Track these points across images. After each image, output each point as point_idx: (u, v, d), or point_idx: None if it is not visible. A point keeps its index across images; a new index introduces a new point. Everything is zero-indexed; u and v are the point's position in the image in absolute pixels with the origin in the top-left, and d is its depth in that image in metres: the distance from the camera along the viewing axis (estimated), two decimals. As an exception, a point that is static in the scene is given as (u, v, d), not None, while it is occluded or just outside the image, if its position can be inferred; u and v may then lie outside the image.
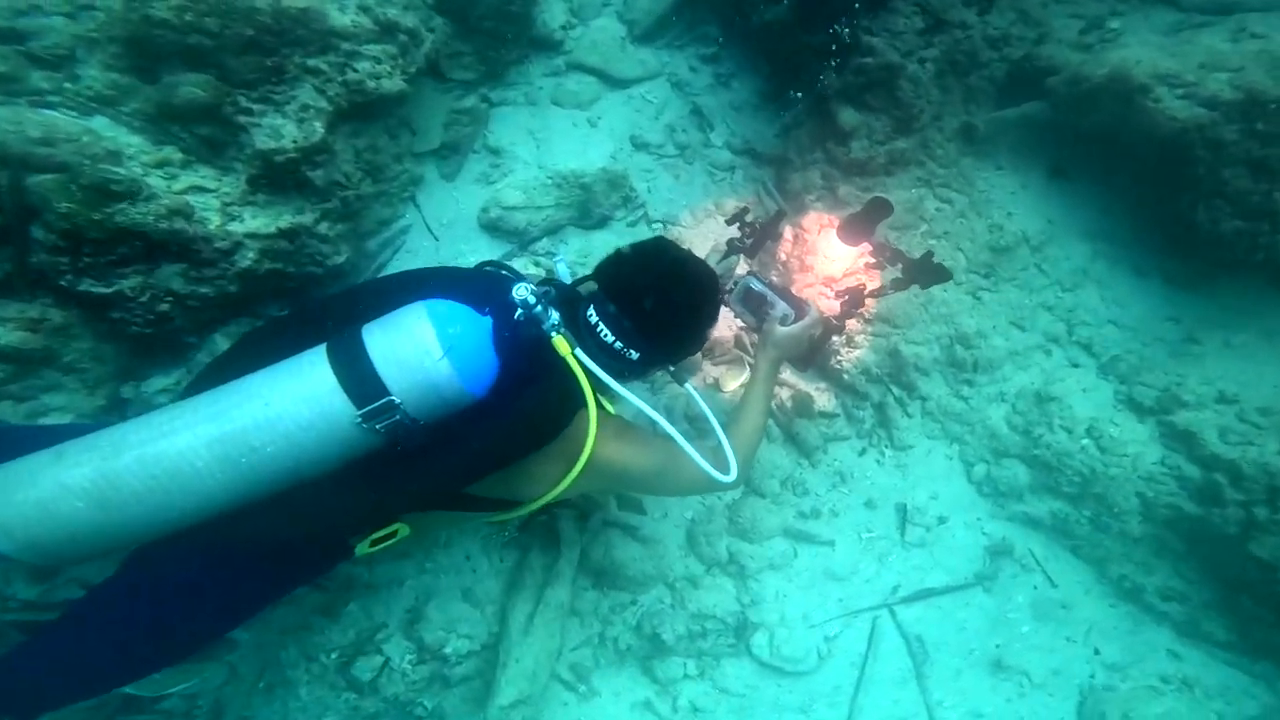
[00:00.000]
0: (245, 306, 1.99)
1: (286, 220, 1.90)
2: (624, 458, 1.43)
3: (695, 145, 2.90)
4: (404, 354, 1.13)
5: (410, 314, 1.19)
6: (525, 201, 2.54)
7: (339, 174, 2.04)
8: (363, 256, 2.36)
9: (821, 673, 2.22)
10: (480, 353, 1.21)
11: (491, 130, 2.66)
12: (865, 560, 2.38)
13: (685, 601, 2.22)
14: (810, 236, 2.52)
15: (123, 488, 1.05)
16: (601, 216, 2.69)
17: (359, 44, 1.96)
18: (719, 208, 2.84)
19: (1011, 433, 2.39)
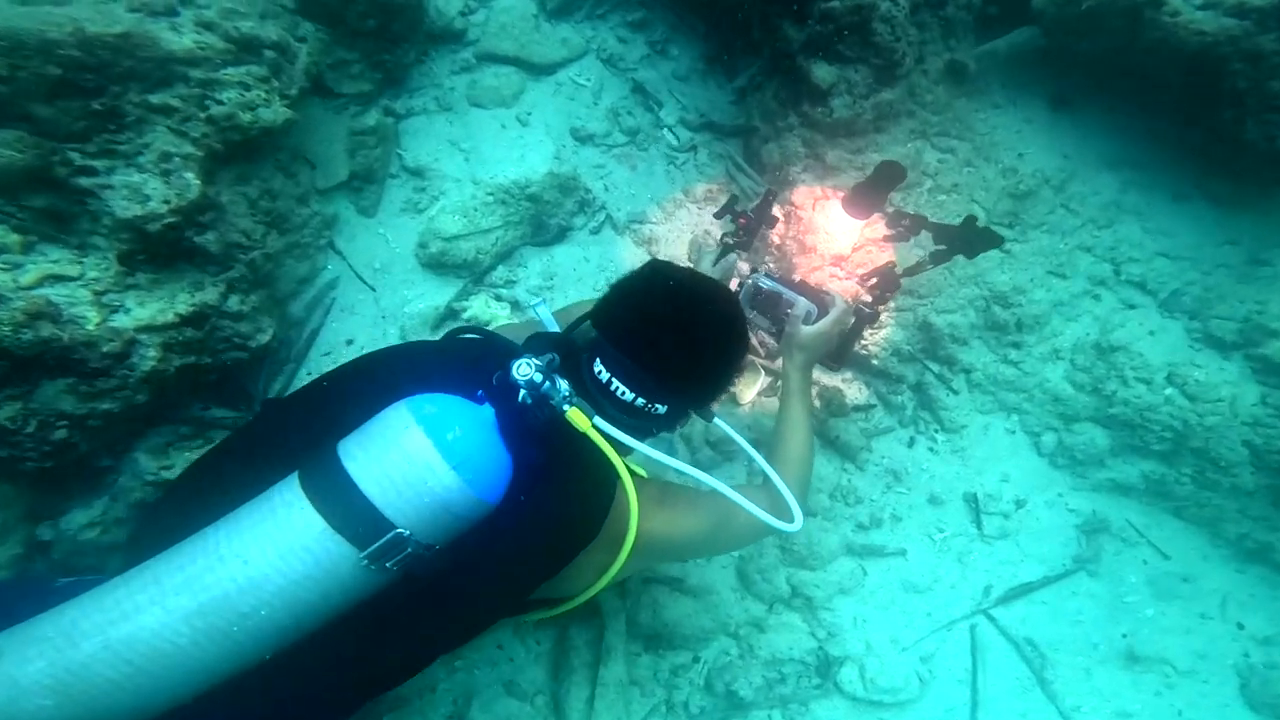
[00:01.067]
0: (164, 413, 1.90)
1: (185, 303, 1.79)
2: (673, 528, 1.42)
3: (646, 128, 2.88)
4: (401, 476, 1.08)
5: (395, 423, 1.12)
6: (467, 227, 2.47)
7: (235, 233, 1.93)
8: (290, 325, 2.27)
9: (927, 698, 2.21)
10: (489, 453, 1.16)
11: (406, 148, 2.59)
12: (944, 564, 2.37)
13: (754, 649, 2.20)
14: (805, 213, 2.50)
15: (94, 679, 0.96)
16: (559, 228, 2.65)
17: (213, 70, 1.84)
18: (688, 195, 2.84)
19: (1078, 393, 2.40)
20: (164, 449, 1.88)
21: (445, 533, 1.13)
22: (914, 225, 1.85)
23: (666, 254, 2.77)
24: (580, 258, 2.65)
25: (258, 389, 2.18)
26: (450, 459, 1.09)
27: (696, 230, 2.77)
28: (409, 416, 1.12)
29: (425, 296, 2.44)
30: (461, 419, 1.15)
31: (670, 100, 2.94)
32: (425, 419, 1.11)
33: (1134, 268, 2.47)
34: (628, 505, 1.29)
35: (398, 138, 2.63)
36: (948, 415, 2.46)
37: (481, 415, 1.18)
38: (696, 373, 1.37)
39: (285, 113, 2.00)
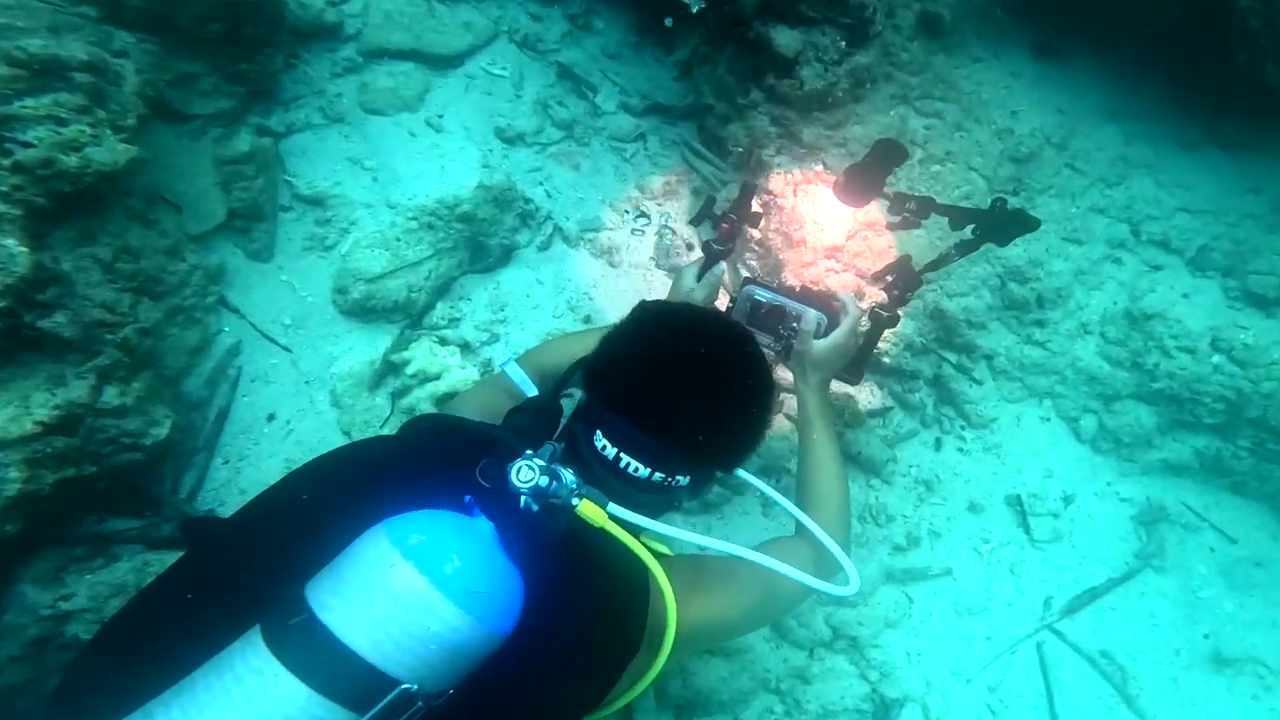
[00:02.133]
0: (48, 535, 1.81)
1: (45, 405, 1.64)
2: (714, 613, 1.39)
3: (583, 120, 2.84)
4: (398, 626, 1.01)
5: (376, 559, 1.05)
6: (392, 262, 2.37)
7: (93, 308, 1.79)
8: (191, 408, 2.16)
9: None
10: (497, 578, 1.10)
11: (295, 173, 2.48)
12: (996, 579, 2.40)
13: (801, 702, 2.22)
14: (787, 201, 2.48)
15: None
16: (501, 249, 2.60)
17: (5, 104, 1.65)
18: (644, 191, 2.81)
19: (1115, 369, 2.46)
20: (56, 575, 1.80)
21: (456, 675, 1.07)
22: (921, 209, 1.84)
23: (630, 262, 2.72)
24: (532, 280, 2.59)
25: (164, 490, 2.09)
26: (454, 596, 1.02)
27: (659, 230, 2.75)
28: (392, 550, 1.04)
29: (354, 351, 2.35)
30: (457, 543, 1.08)
31: (605, 83, 2.90)
32: (414, 551, 1.04)
33: (1154, 226, 2.55)
34: (663, 601, 1.26)
35: (281, 162, 2.51)
36: (973, 409, 2.49)
37: (478, 532, 1.13)
38: (722, 433, 1.33)
39: (124, 149, 1.83)
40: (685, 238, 2.76)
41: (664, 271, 2.72)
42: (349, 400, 2.32)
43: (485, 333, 2.50)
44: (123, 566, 1.81)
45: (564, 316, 2.58)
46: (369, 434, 2.31)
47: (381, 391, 2.35)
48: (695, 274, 1.91)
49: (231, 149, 2.35)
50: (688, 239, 2.75)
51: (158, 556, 1.86)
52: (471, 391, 1.85)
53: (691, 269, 1.92)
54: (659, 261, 2.73)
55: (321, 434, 2.29)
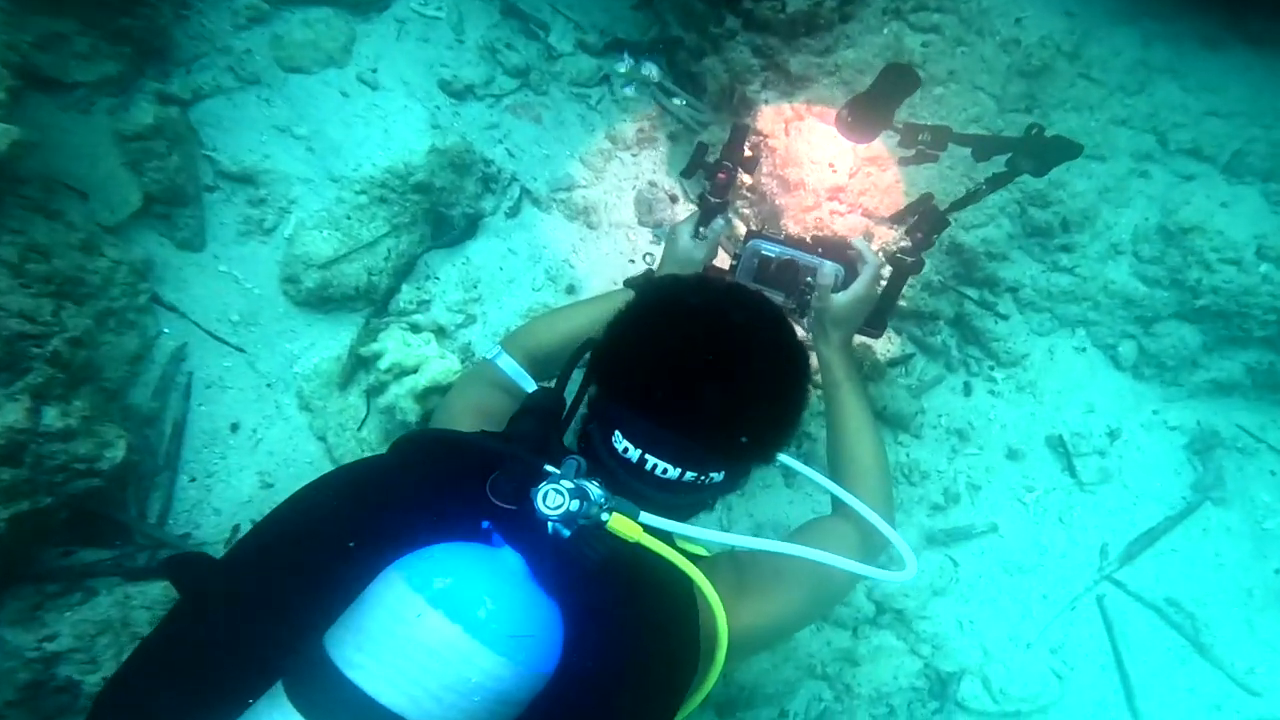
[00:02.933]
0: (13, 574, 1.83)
1: None
2: (766, 615, 1.41)
3: (537, 64, 2.82)
4: (435, 680, 1.02)
5: (399, 609, 1.05)
6: (345, 243, 2.35)
7: (9, 317, 1.74)
8: (143, 424, 2.15)
9: (1070, 695, 2.30)
10: (535, 614, 1.11)
11: (215, 146, 2.43)
12: (1045, 531, 2.46)
13: (851, 687, 2.27)
14: (778, 141, 2.48)
15: None
16: (466, 219, 2.59)
17: None
18: (616, 141, 2.80)
19: (1153, 289, 2.50)
20: (33, 615, 1.84)
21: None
22: (937, 140, 1.83)
23: (609, 222, 2.72)
24: (503, 252, 2.59)
25: (131, 516, 2.11)
26: (493, 644, 1.03)
27: (639, 184, 2.75)
28: (415, 598, 1.04)
29: (317, 346, 2.35)
30: (486, 582, 1.09)
31: (556, 19, 2.85)
32: (441, 597, 1.04)
33: (1182, 134, 2.57)
34: (711, 612, 1.26)
35: (195, 134, 2.44)
36: (1001, 346, 2.53)
37: (506, 566, 1.13)
38: (758, 422, 1.33)
39: (3, 130, 1.75)
40: (666, 189, 2.76)
41: (647, 229, 2.72)
42: (319, 402, 2.31)
43: (459, 314, 2.49)
44: (104, 601, 1.82)
45: (544, 289, 2.58)
46: (345, 437, 2.30)
47: (354, 389, 2.34)
48: (691, 231, 1.92)
49: (133, 122, 2.27)
50: (669, 190, 2.75)
51: (139, 589, 1.88)
52: (460, 391, 1.82)
53: (686, 226, 1.92)
54: (641, 218, 2.74)
55: (294, 441, 2.28)
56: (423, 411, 2.23)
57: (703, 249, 1.89)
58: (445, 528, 1.16)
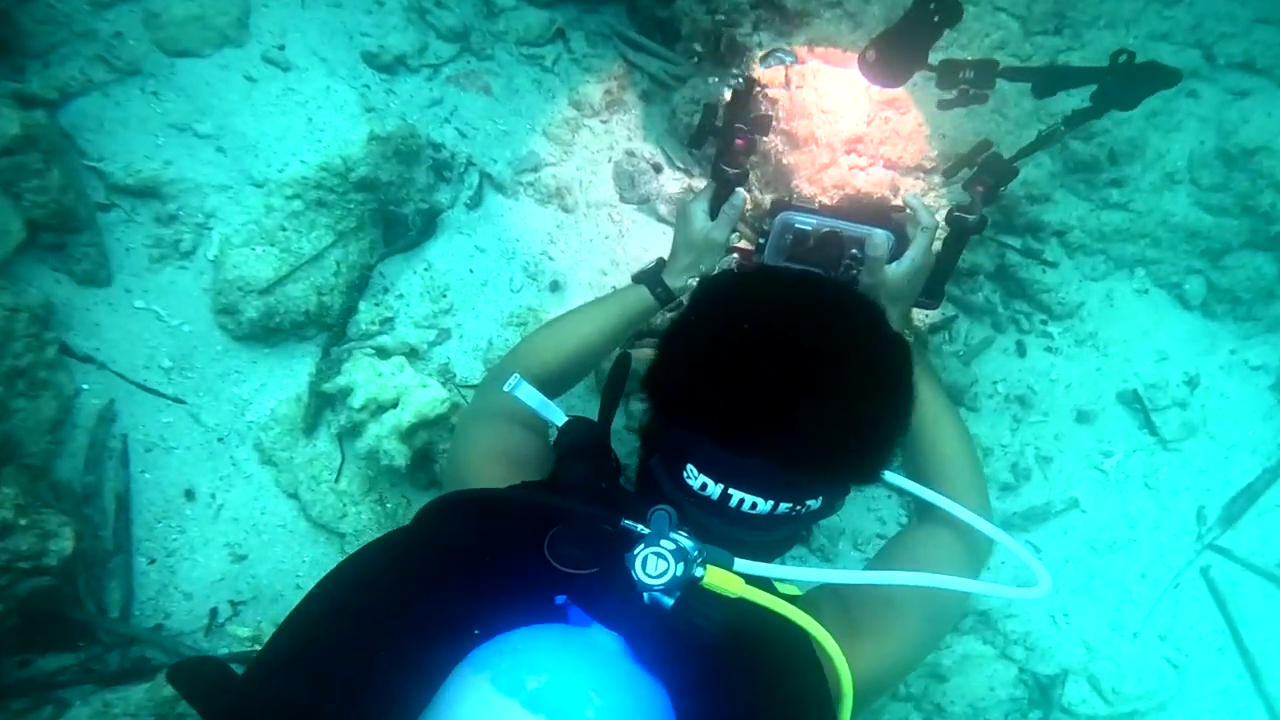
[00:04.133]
0: None
1: None
2: (886, 657, 1.42)
3: (476, 23, 2.82)
4: None
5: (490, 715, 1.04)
6: (285, 260, 2.35)
7: None
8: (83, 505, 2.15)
9: (1190, 685, 2.38)
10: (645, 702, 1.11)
11: (103, 155, 2.39)
12: (1132, 500, 2.54)
13: (943, 706, 2.33)
14: (780, 91, 2.49)
15: None
16: (421, 216, 2.59)
17: None
18: (581, 107, 2.80)
19: (1219, 218, 2.58)
20: None
21: None
22: (983, 76, 1.84)
23: (588, 202, 2.73)
24: (470, 250, 2.59)
25: (89, 611, 2.11)
26: None
27: (615, 154, 2.77)
28: (509, 704, 1.02)
29: (269, 387, 2.38)
30: (585, 674, 1.08)
31: None
32: (538, 699, 1.03)
33: (1231, 46, 2.65)
34: (832, 665, 1.26)
35: (73, 142, 2.40)
36: (1053, 297, 2.60)
37: (602, 649, 1.13)
38: (862, 436, 1.30)
39: None
40: (647, 157, 2.77)
41: (632, 206, 2.74)
42: (283, 453, 2.31)
43: (430, 330, 2.50)
44: (80, 713, 1.83)
45: (525, 289, 2.59)
46: (322, 491, 2.31)
47: (322, 433, 2.35)
48: (705, 208, 1.91)
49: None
50: (650, 158, 2.76)
51: (118, 694, 1.89)
52: (473, 434, 1.78)
53: (699, 203, 1.92)
54: (623, 193, 2.75)
55: (261, 502, 2.27)
56: (412, 453, 2.22)
57: (723, 229, 1.89)
58: (513, 609, 1.14)
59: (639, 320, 1.97)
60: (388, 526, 2.39)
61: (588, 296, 2.62)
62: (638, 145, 2.77)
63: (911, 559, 1.54)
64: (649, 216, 2.71)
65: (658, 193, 2.74)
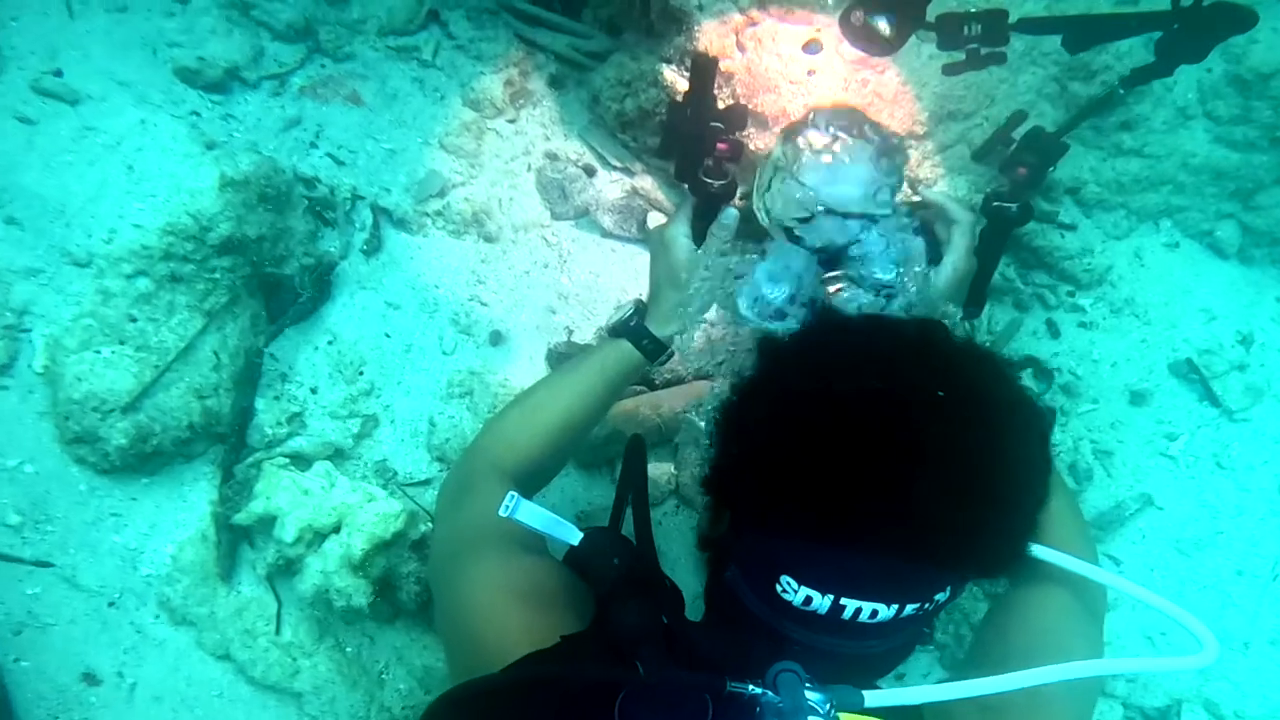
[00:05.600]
0: None
1: None
2: None
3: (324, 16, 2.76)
4: None
5: None
6: (145, 361, 2.34)
7: None
8: None
9: None
10: None
11: None
12: (1207, 484, 2.69)
13: None
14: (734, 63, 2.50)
15: None
16: (309, 274, 2.55)
17: None
18: (481, 107, 2.78)
19: (1246, 154, 2.71)
20: None
21: None
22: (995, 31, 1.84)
23: (513, 225, 2.71)
24: (380, 308, 2.57)
25: None
26: None
27: (534, 160, 2.76)
28: None
29: (160, 528, 2.36)
30: None
31: None
32: None
33: None
34: None
35: None
36: (1076, 265, 2.72)
37: None
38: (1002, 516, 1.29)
39: None
40: (574, 158, 2.77)
41: (569, 223, 2.74)
42: (199, 608, 2.31)
43: (353, 419, 2.48)
44: None
45: (460, 348, 2.58)
46: (261, 647, 2.39)
47: (244, 575, 2.37)
48: (688, 233, 1.89)
49: None
50: (578, 158, 2.77)
51: None
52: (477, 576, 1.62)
53: (678, 228, 1.90)
54: (555, 208, 2.74)
55: (184, 671, 2.31)
56: (372, 586, 2.18)
57: (715, 257, 1.87)
58: None
59: (625, 382, 1.97)
60: (354, 675, 2.37)
61: (538, 345, 2.62)
62: (559, 145, 2.76)
63: (1036, 631, 1.58)
64: (592, 233, 2.71)
65: (596, 201, 2.73)
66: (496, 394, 2.52)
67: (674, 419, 2.50)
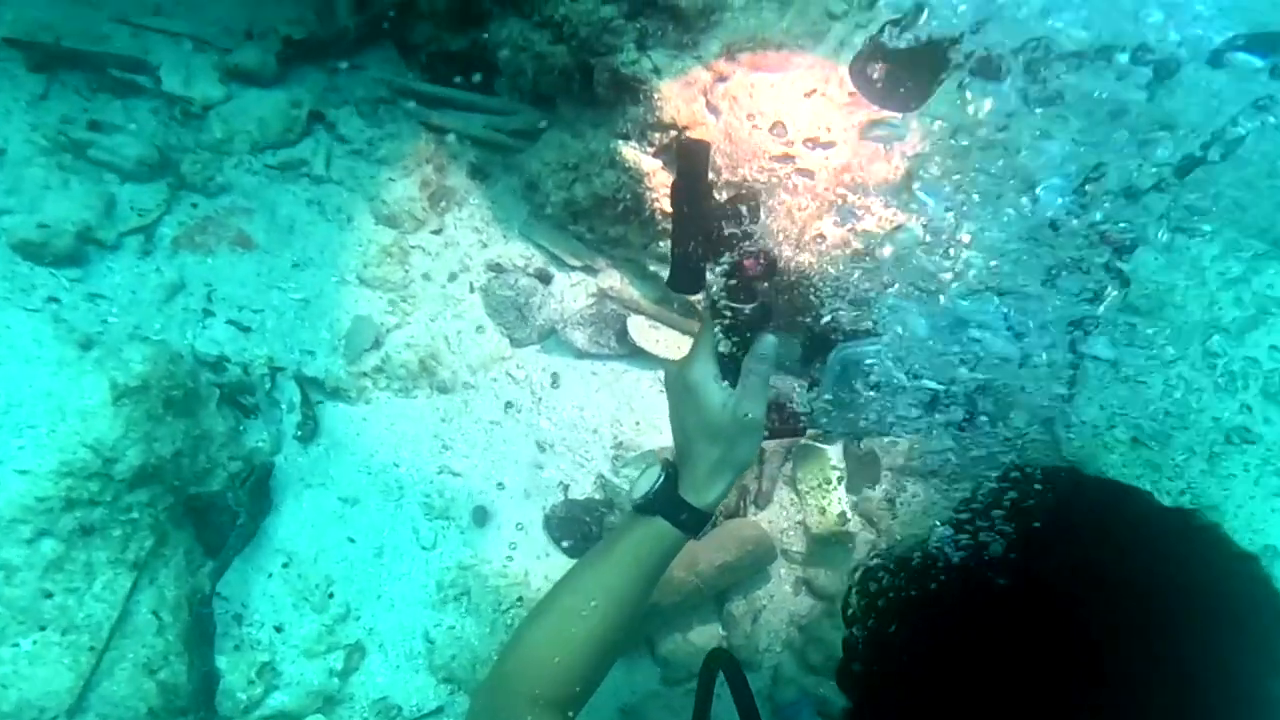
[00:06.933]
0: None
1: None
2: None
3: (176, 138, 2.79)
4: None
5: None
6: (78, 652, 2.32)
7: None
8: None
9: None
10: None
11: None
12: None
13: None
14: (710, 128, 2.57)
15: None
16: (240, 483, 2.56)
17: None
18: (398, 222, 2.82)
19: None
20: None
21: None
22: None
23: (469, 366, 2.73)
24: (335, 507, 2.61)
25: None
26: None
27: (475, 277, 2.79)
28: None
29: None
30: None
31: (155, 44, 2.82)
32: None
33: None
34: None
35: None
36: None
37: None
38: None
39: None
40: (522, 264, 2.81)
41: (534, 348, 2.77)
42: None
43: (335, 654, 2.50)
44: None
45: (440, 538, 2.61)
46: None
47: None
48: (716, 373, 1.84)
49: None
50: (526, 264, 2.81)
51: None
52: None
53: (703, 367, 1.84)
54: (514, 334, 2.77)
55: None
56: None
57: (755, 398, 1.82)
58: None
59: (665, 566, 1.93)
60: None
61: (532, 513, 2.64)
62: (501, 251, 2.80)
63: None
64: (564, 355, 2.75)
65: (561, 315, 2.77)
66: (498, 588, 2.53)
67: (716, 574, 2.52)
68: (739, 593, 2.58)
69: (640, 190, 2.64)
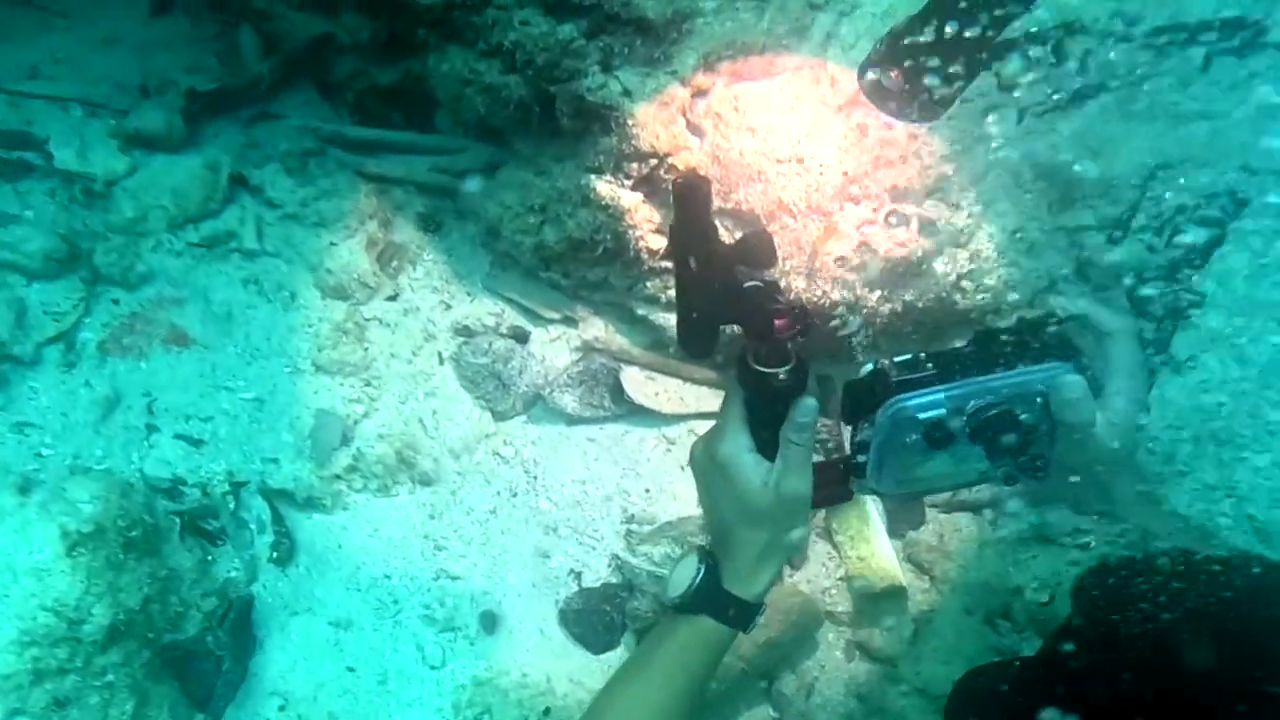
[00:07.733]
0: None
1: None
2: None
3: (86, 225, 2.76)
4: None
5: None
6: None
7: None
8: None
9: None
10: None
11: None
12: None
13: None
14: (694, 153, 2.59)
15: None
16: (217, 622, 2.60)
17: None
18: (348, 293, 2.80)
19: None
20: None
21: None
22: None
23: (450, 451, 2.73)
24: (325, 632, 2.64)
25: None
26: None
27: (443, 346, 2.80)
28: None
29: None
30: None
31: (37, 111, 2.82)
32: None
33: None
34: None
35: None
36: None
37: None
38: None
39: None
40: (492, 324, 2.82)
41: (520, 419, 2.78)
42: None
43: None
44: None
45: (449, 652, 2.63)
46: None
47: None
48: (750, 445, 1.81)
49: None
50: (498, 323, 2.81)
51: None
52: None
53: (736, 440, 1.80)
54: (496, 406, 2.78)
55: None
56: None
57: (799, 472, 1.77)
58: None
59: (715, 668, 1.95)
60: None
61: (545, 609, 2.64)
62: (467, 311, 2.81)
63: None
64: (554, 424, 2.76)
65: (544, 377, 2.78)
66: (521, 700, 2.53)
67: (759, 653, 2.53)
68: (787, 668, 2.58)
69: (621, 229, 2.65)
